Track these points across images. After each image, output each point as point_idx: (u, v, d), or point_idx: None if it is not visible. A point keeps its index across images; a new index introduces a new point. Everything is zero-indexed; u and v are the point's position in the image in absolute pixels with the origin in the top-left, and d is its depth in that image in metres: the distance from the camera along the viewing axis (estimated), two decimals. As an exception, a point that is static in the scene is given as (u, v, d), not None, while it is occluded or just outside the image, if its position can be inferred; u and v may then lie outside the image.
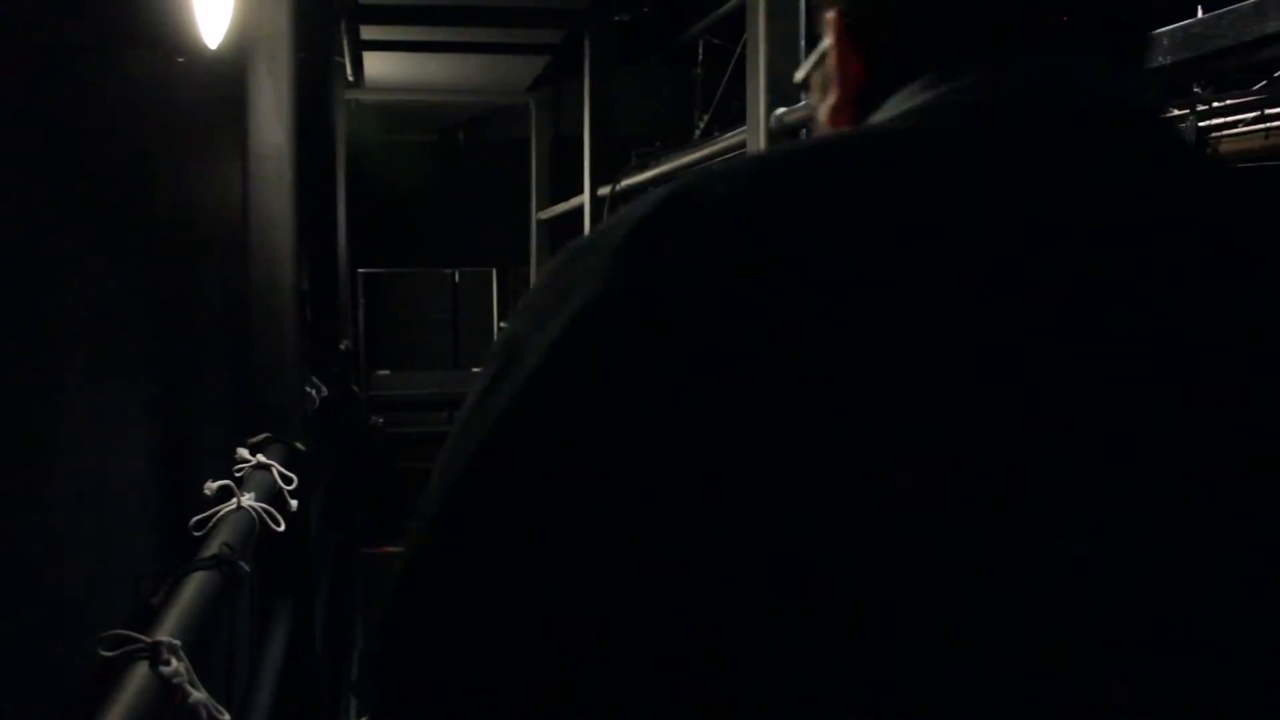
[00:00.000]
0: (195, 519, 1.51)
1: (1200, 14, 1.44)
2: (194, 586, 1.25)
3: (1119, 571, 0.37)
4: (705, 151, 3.26)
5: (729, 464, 0.36)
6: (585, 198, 4.58)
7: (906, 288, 0.37)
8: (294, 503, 1.80)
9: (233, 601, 1.39)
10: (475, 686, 0.38)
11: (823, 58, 0.55)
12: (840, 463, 0.35)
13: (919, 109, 0.47)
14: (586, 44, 4.66)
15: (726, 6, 4.10)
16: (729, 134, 3.03)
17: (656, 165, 3.78)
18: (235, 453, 1.83)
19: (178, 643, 1.03)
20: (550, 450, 0.37)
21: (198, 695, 1.03)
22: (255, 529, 1.58)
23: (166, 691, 1.00)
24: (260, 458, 1.83)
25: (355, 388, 6.32)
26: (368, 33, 5.04)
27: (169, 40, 1.62)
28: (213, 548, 1.39)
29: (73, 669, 1.10)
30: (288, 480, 1.82)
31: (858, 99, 0.52)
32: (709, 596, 0.36)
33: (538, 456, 0.38)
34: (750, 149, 2.29)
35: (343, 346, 5.54)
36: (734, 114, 3.14)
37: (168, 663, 1.01)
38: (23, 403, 1.03)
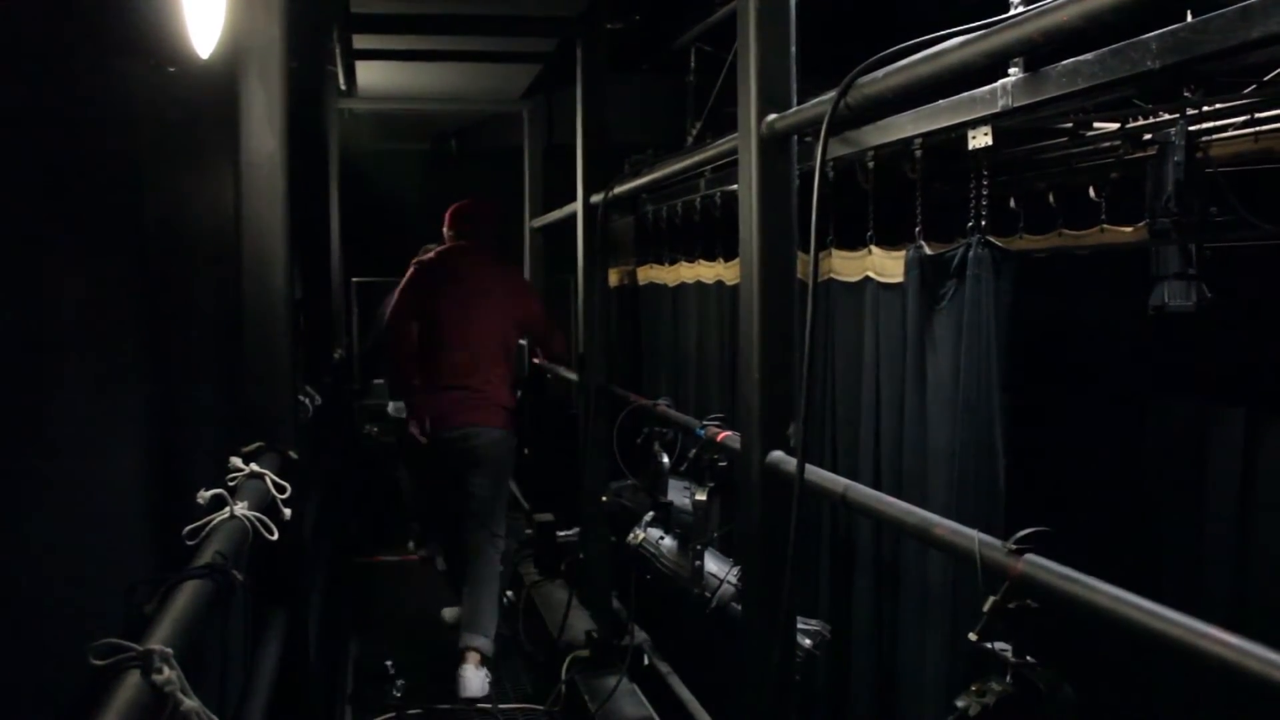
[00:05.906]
0: (188, 528, 1.51)
1: (1189, 18, 1.45)
2: (187, 595, 1.24)
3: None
4: (697, 158, 3.26)
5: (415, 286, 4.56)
6: (578, 205, 4.59)
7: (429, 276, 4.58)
8: (287, 511, 1.80)
9: (226, 610, 1.39)
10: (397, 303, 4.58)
11: None
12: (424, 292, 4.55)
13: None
14: (579, 52, 4.67)
15: (718, 14, 4.11)
16: (721, 141, 3.02)
17: (649, 172, 3.78)
18: (228, 461, 1.83)
19: (170, 651, 1.03)
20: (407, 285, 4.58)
21: (190, 704, 1.02)
22: (248, 537, 1.58)
23: (159, 700, 0.99)
24: (253, 466, 1.83)
25: (349, 396, 6.31)
26: (360, 42, 5.04)
27: (160, 49, 1.62)
28: (206, 556, 1.38)
29: (65, 678, 1.10)
30: (281, 489, 1.81)
31: None
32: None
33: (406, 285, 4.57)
34: (742, 155, 2.29)
35: (336, 355, 5.54)
36: (726, 121, 3.15)
37: (160, 671, 1.00)
38: (14, 412, 1.03)
